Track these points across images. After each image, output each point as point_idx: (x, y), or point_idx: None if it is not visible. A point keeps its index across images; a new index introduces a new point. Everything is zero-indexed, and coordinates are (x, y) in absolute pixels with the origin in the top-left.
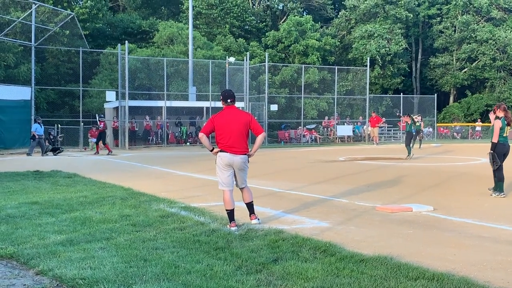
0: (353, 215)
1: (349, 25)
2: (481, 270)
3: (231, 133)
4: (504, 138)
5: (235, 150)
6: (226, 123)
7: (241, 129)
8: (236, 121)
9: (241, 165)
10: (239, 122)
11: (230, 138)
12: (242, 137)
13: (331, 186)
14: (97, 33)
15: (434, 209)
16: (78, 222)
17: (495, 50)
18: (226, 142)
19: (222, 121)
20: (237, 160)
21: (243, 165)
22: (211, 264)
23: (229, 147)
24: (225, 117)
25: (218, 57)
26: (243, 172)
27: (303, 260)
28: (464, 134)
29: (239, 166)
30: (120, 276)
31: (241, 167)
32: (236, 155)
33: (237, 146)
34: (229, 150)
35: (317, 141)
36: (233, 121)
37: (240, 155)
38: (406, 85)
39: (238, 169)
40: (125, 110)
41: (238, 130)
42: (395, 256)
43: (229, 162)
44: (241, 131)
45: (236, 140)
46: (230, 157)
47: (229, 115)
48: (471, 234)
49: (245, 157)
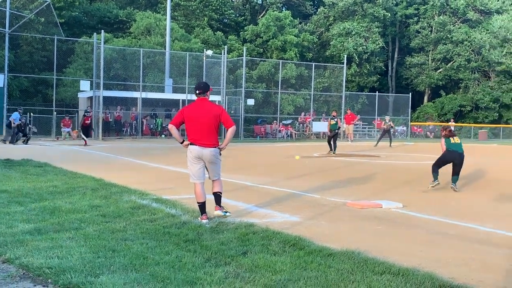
0: (324, 210)
1: (328, 22)
2: (445, 266)
3: (200, 126)
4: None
5: (204, 143)
6: (196, 115)
7: (210, 122)
8: (206, 114)
9: (211, 158)
10: (208, 115)
11: (199, 131)
12: (211, 130)
13: (304, 182)
14: (73, 22)
15: (403, 206)
16: (47, 211)
17: (470, 51)
18: (195, 135)
19: (192, 114)
20: (206, 153)
21: (213, 158)
22: (180, 256)
23: (198, 140)
24: (195, 110)
25: (196, 50)
26: (214, 165)
27: (272, 253)
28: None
29: (209, 159)
30: (88, 266)
31: (211, 160)
32: (205, 148)
33: (206, 139)
34: (198, 143)
35: (292, 137)
36: (202, 113)
37: (210, 148)
38: (382, 83)
39: (208, 162)
40: (99, 100)
41: (207, 123)
42: (362, 251)
43: (198, 155)
44: (211, 124)
45: (205, 133)
46: (199, 150)
47: (198, 107)
48: (438, 231)
49: (215, 150)
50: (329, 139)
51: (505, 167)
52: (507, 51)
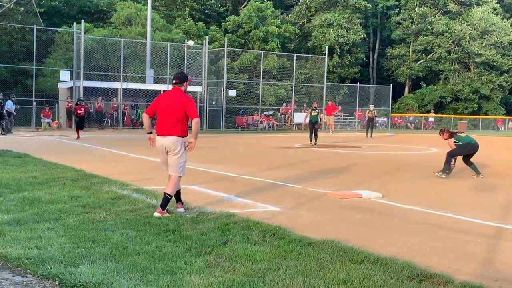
0: (304, 200)
1: (309, 13)
2: (424, 255)
3: (168, 116)
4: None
5: (166, 132)
6: (166, 105)
7: (177, 112)
8: (175, 104)
9: (170, 146)
10: (176, 105)
11: (165, 120)
12: (177, 121)
13: (285, 172)
14: (53, 11)
15: (383, 196)
16: (26, 202)
17: (450, 43)
18: (161, 124)
19: (162, 103)
20: (166, 142)
21: (173, 146)
22: (160, 246)
23: (162, 130)
24: (166, 99)
25: (177, 40)
26: (172, 156)
27: (252, 243)
28: (418, 125)
29: (168, 147)
30: (67, 256)
31: (170, 148)
32: (166, 137)
33: (170, 129)
34: (161, 133)
35: (274, 128)
36: (172, 103)
37: (169, 137)
38: (363, 75)
39: (168, 152)
40: (79, 91)
41: (174, 113)
42: (342, 240)
43: (160, 145)
44: (177, 114)
45: (171, 123)
46: (161, 140)
47: (170, 97)
48: (417, 221)
49: (176, 139)
50: (311, 130)
51: (485, 157)
52: (486, 43)
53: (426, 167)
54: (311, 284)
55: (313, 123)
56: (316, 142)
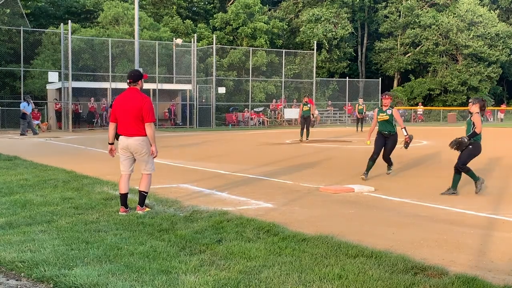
0: (297, 196)
1: (297, 8)
2: (418, 247)
3: (126, 117)
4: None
5: (129, 133)
6: (122, 106)
7: (135, 113)
8: (131, 104)
9: (136, 148)
10: (133, 105)
11: (125, 121)
12: (137, 121)
13: (277, 168)
14: (39, 12)
15: (375, 190)
16: (18, 205)
17: (438, 35)
18: (121, 125)
19: (119, 105)
20: (131, 142)
21: (139, 147)
22: (154, 246)
23: (123, 130)
24: (122, 100)
25: (165, 39)
26: (141, 156)
27: (246, 240)
28: (407, 118)
29: (133, 149)
30: (61, 258)
31: (137, 150)
32: (130, 138)
33: (132, 129)
34: (123, 133)
35: (264, 124)
36: (127, 104)
37: (134, 137)
38: (352, 69)
39: (134, 152)
40: (68, 92)
41: (132, 114)
42: (336, 235)
43: (123, 145)
44: (136, 114)
45: (131, 123)
46: (124, 140)
47: (125, 98)
48: (410, 213)
49: (141, 139)
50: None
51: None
52: (474, 34)
53: (417, 160)
54: (306, 279)
55: (305, 118)
56: (308, 138)
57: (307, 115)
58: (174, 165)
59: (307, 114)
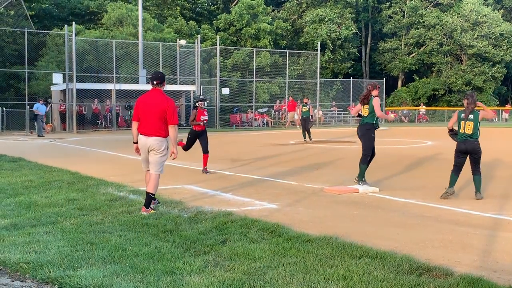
0: (301, 197)
1: (300, 9)
2: (423, 248)
3: (149, 117)
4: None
5: (149, 132)
6: (146, 105)
7: (158, 114)
8: (156, 106)
9: (152, 145)
10: (156, 107)
11: (147, 121)
12: (159, 122)
13: (281, 169)
14: (43, 14)
15: (379, 190)
16: (23, 206)
17: (442, 35)
18: (143, 125)
19: (142, 104)
20: (150, 141)
21: (156, 145)
22: (159, 247)
23: (145, 131)
24: (146, 100)
25: (169, 40)
26: (154, 154)
27: (251, 241)
28: (412, 118)
29: (152, 146)
30: (66, 259)
31: (153, 147)
32: (149, 137)
33: (152, 129)
34: (144, 133)
35: (268, 125)
36: (152, 104)
37: (153, 137)
38: (356, 69)
39: (151, 149)
40: (72, 93)
41: (155, 114)
42: (340, 236)
43: (143, 144)
44: (159, 116)
45: (152, 124)
46: (144, 140)
47: (150, 98)
48: (414, 214)
49: (160, 139)
50: (304, 127)
51: (483, 148)
52: (478, 34)
53: (421, 160)
54: (311, 280)
55: (305, 119)
56: (311, 138)
57: (306, 116)
58: (178, 166)
59: (307, 115)
